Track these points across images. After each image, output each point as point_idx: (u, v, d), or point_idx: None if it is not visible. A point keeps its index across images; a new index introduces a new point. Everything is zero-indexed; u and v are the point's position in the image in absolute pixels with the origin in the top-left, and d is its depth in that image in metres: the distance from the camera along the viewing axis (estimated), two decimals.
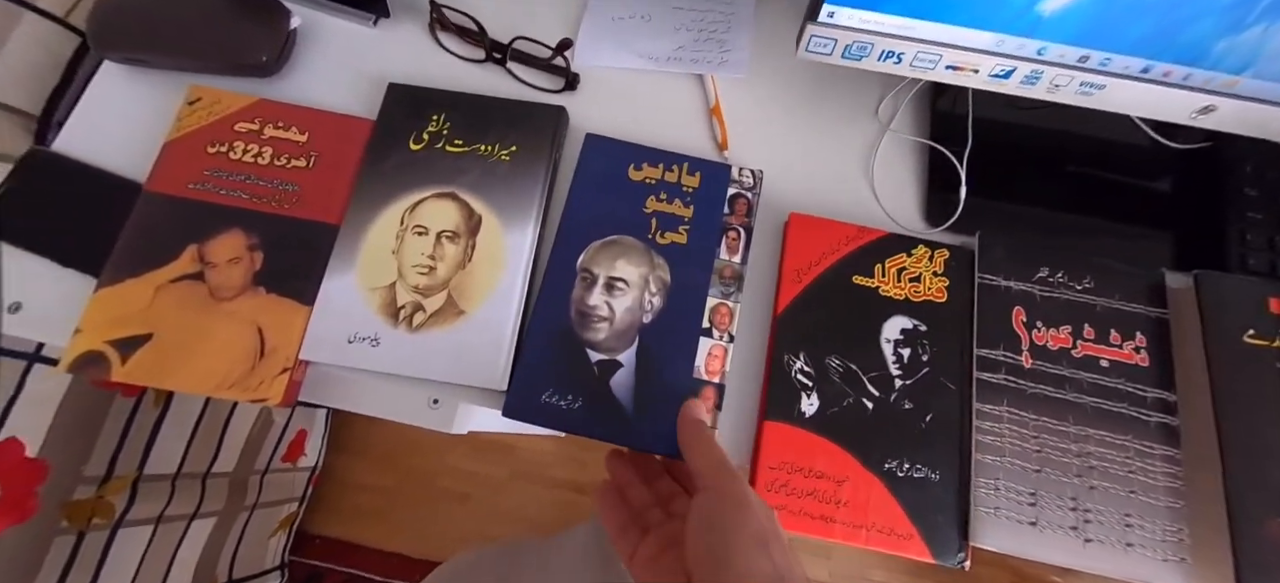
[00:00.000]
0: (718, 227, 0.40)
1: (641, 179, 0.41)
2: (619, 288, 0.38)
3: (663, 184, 0.41)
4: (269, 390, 0.37)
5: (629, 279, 0.39)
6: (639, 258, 0.39)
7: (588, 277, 0.39)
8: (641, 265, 0.39)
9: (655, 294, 0.38)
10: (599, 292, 0.38)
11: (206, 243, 0.39)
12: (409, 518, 1.05)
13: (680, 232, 0.40)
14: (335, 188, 0.41)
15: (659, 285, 0.39)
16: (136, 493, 0.67)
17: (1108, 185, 0.47)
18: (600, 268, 0.39)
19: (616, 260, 0.39)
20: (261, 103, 0.44)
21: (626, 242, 0.40)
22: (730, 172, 0.42)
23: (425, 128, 0.43)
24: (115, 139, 0.44)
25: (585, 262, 0.39)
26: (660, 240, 0.40)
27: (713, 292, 0.39)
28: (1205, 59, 0.33)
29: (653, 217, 0.40)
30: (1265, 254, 0.42)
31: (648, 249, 0.39)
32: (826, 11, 0.34)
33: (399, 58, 0.47)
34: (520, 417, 0.36)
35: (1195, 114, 0.36)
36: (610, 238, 0.40)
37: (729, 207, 0.41)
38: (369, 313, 0.38)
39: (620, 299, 0.38)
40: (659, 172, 0.41)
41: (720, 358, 0.38)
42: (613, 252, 0.39)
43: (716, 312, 0.38)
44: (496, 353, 0.37)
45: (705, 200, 0.41)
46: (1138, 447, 0.37)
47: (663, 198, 0.41)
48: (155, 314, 0.38)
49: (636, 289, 0.38)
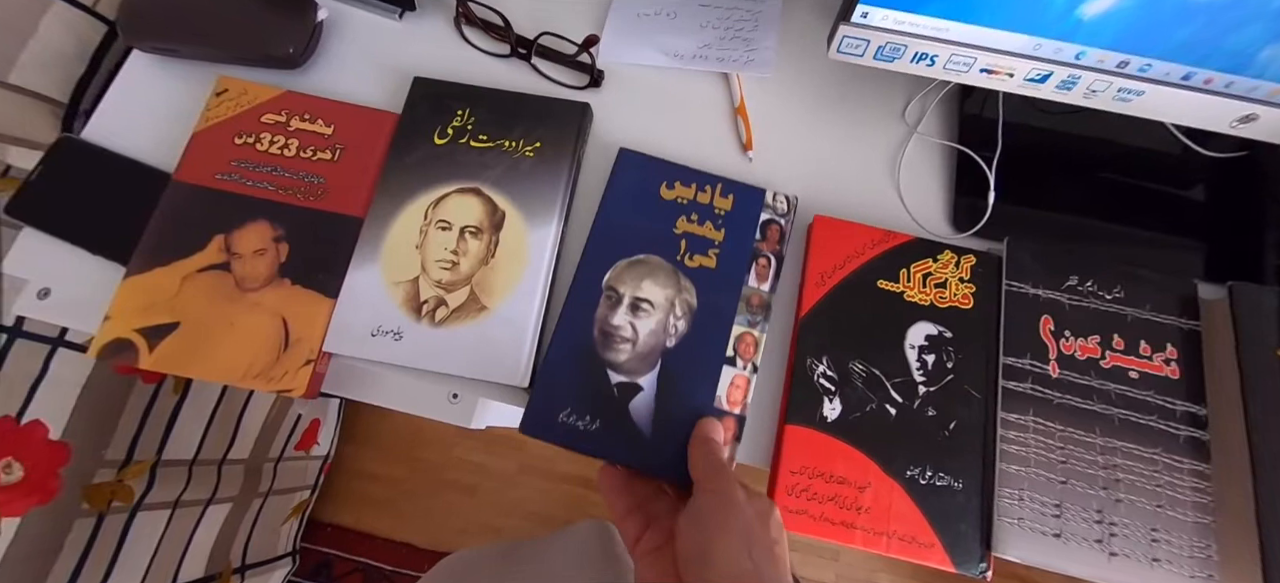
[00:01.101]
0: (748, 253, 0.39)
1: (673, 198, 0.40)
2: (644, 309, 0.38)
3: (695, 205, 0.40)
4: (293, 381, 0.37)
5: (655, 301, 0.38)
6: (666, 279, 0.38)
7: (613, 295, 0.38)
8: (668, 287, 0.38)
9: (680, 318, 0.38)
10: (623, 312, 0.38)
11: (233, 234, 0.40)
12: (418, 509, 1.06)
13: (709, 255, 0.39)
14: (360, 181, 0.42)
15: (685, 309, 0.38)
16: (155, 478, 0.68)
17: (1139, 193, 0.46)
18: (626, 287, 0.38)
19: (643, 280, 0.38)
20: (288, 95, 0.44)
21: (654, 262, 0.39)
22: (764, 196, 0.41)
23: (450, 122, 0.43)
24: (144, 128, 0.44)
25: (611, 279, 0.38)
26: (689, 263, 0.39)
27: (739, 320, 0.38)
28: (1249, 67, 0.33)
29: (682, 238, 0.39)
30: None
31: (676, 271, 0.39)
32: (860, 12, 0.34)
33: (424, 51, 0.47)
34: (537, 434, 0.36)
35: (1235, 123, 0.35)
36: (638, 257, 0.39)
37: (761, 233, 0.40)
38: (392, 307, 0.38)
39: (645, 321, 0.37)
40: (691, 191, 0.41)
41: (743, 389, 0.37)
42: (640, 271, 0.39)
43: (741, 340, 0.37)
44: (518, 349, 0.37)
45: (737, 224, 0.40)
46: (1166, 460, 0.36)
47: (694, 219, 0.40)
48: (182, 303, 0.38)
49: (662, 311, 0.38)
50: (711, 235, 0.40)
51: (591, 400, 0.36)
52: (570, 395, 0.36)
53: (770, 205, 0.41)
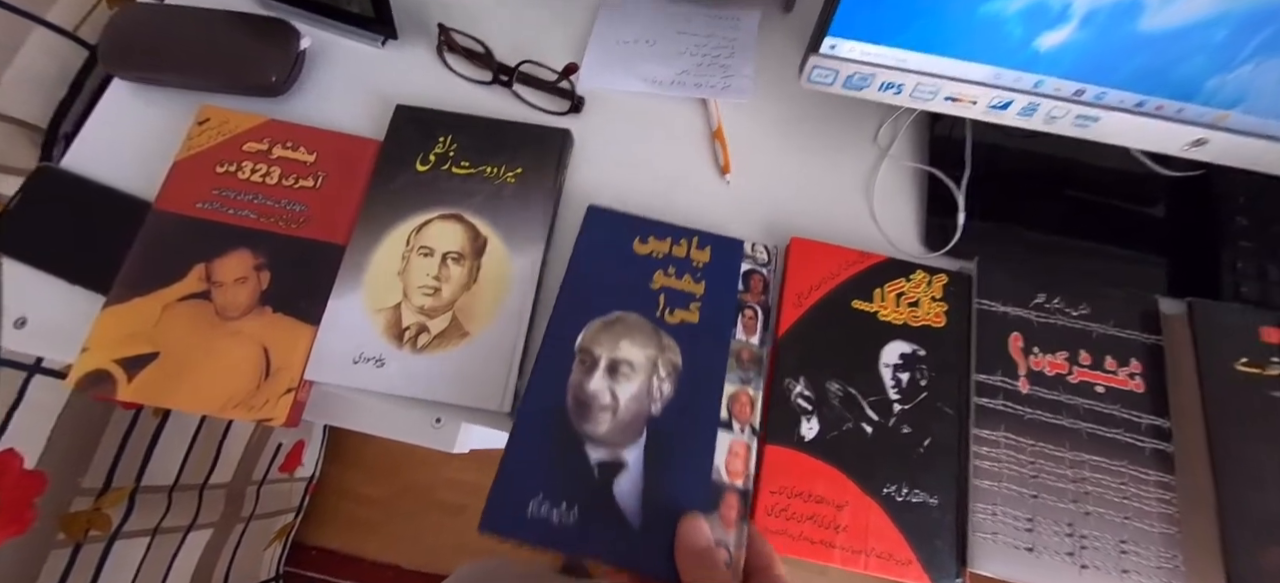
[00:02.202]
0: (732, 305, 0.37)
1: (648, 253, 0.38)
2: (624, 373, 0.34)
3: (671, 258, 0.38)
4: (274, 410, 0.37)
5: (635, 362, 0.35)
6: (646, 338, 0.35)
7: (587, 359, 0.35)
8: (649, 347, 0.35)
9: (665, 379, 0.34)
10: (601, 376, 0.34)
11: (214, 262, 0.40)
12: (405, 530, 1.05)
13: (691, 309, 0.37)
14: (342, 208, 0.42)
15: (669, 369, 0.35)
16: (134, 505, 0.67)
17: (1105, 211, 0.47)
18: (602, 349, 0.35)
19: (620, 341, 0.35)
20: (270, 123, 0.44)
21: (632, 320, 0.36)
22: (742, 247, 0.39)
23: (432, 149, 0.43)
24: (124, 156, 0.44)
25: (585, 342, 0.35)
26: (669, 319, 0.36)
27: (731, 378, 0.35)
28: (1197, 95, 0.34)
29: (661, 293, 0.37)
30: (1256, 283, 0.43)
31: (656, 329, 0.36)
32: (829, 44, 0.35)
33: (407, 79, 0.48)
34: (501, 531, 0.31)
35: (1187, 146, 0.37)
36: (614, 315, 0.36)
37: (743, 284, 0.38)
38: (374, 334, 0.39)
39: (625, 385, 0.34)
40: (666, 245, 0.39)
41: (742, 457, 0.33)
42: (616, 331, 0.36)
43: (735, 400, 0.34)
44: (501, 374, 0.38)
45: (717, 276, 0.38)
46: (1133, 473, 0.37)
47: (671, 273, 0.38)
48: (162, 333, 0.38)
49: (644, 374, 0.34)
50: (691, 288, 0.38)
51: (567, 484, 0.31)
52: (541, 480, 0.31)
53: (750, 255, 0.39)
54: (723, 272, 0.38)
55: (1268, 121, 0.35)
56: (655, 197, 0.44)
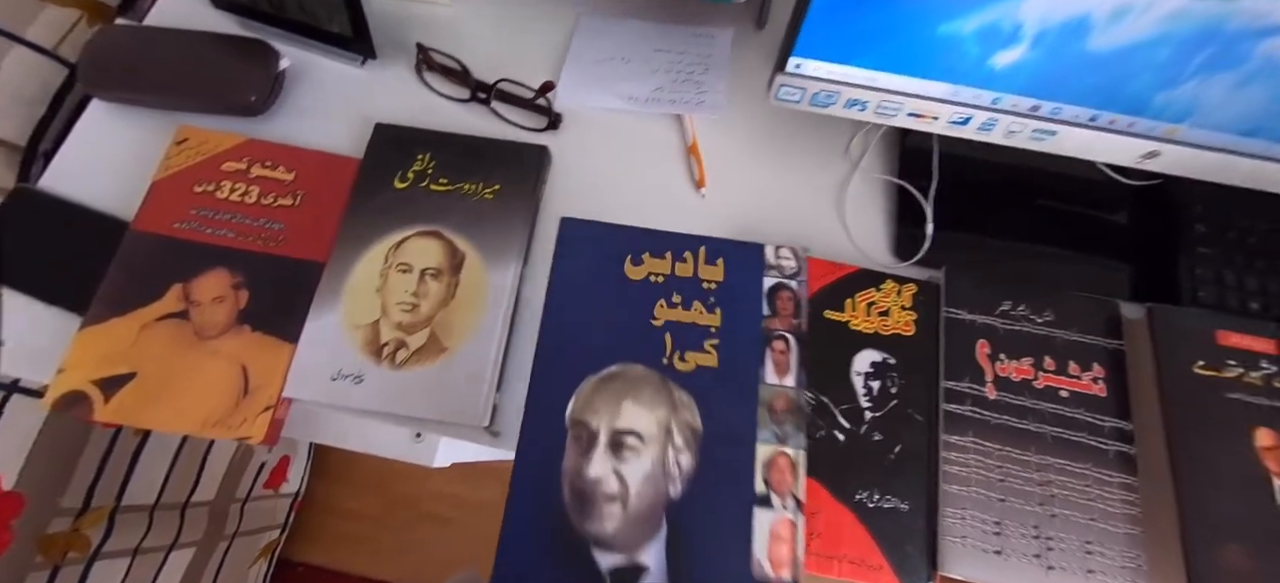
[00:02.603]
0: (757, 336, 0.30)
1: (644, 276, 0.31)
2: (630, 447, 0.28)
3: (675, 281, 0.31)
4: (252, 429, 0.37)
5: (644, 431, 0.28)
6: (654, 396, 0.29)
7: (583, 434, 0.28)
8: (659, 407, 0.28)
9: (682, 448, 0.28)
10: (602, 456, 0.27)
11: (191, 282, 0.40)
12: (393, 544, 1.04)
13: (707, 349, 0.30)
14: (321, 226, 0.42)
15: (686, 435, 0.28)
16: (114, 525, 0.66)
17: (1070, 218, 0.49)
18: (600, 418, 0.28)
19: (622, 404, 0.28)
20: (249, 142, 0.44)
21: (634, 374, 0.29)
22: (763, 254, 0.32)
23: (411, 167, 0.44)
24: (103, 177, 0.45)
25: (578, 410, 0.29)
26: (681, 365, 0.29)
27: (763, 436, 0.29)
28: (1147, 109, 0.36)
29: (666, 331, 0.30)
30: (1214, 287, 0.44)
31: (665, 382, 0.29)
32: (794, 63, 0.36)
33: (387, 98, 0.49)
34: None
35: (1141, 158, 0.38)
36: (610, 370, 0.29)
37: (769, 304, 0.31)
38: (352, 351, 0.39)
39: (634, 464, 0.27)
40: (666, 263, 0.32)
41: (788, 540, 0.27)
42: (615, 391, 0.29)
43: (772, 467, 0.28)
44: (479, 390, 0.38)
45: (735, 298, 0.31)
46: (1097, 475, 0.38)
47: (677, 302, 0.31)
48: (139, 353, 0.38)
49: (655, 445, 0.28)
50: (705, 320, 0.30)
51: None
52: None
53: (774, 264, 0.32)
54: (742, 292, 0.32)
55: (1215, 135, 0.37)
56: (632, 210, 0.45)
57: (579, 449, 0.28)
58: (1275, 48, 0.32)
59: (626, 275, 0.33)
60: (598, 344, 0.31)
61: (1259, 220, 0.46)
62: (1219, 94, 0.34)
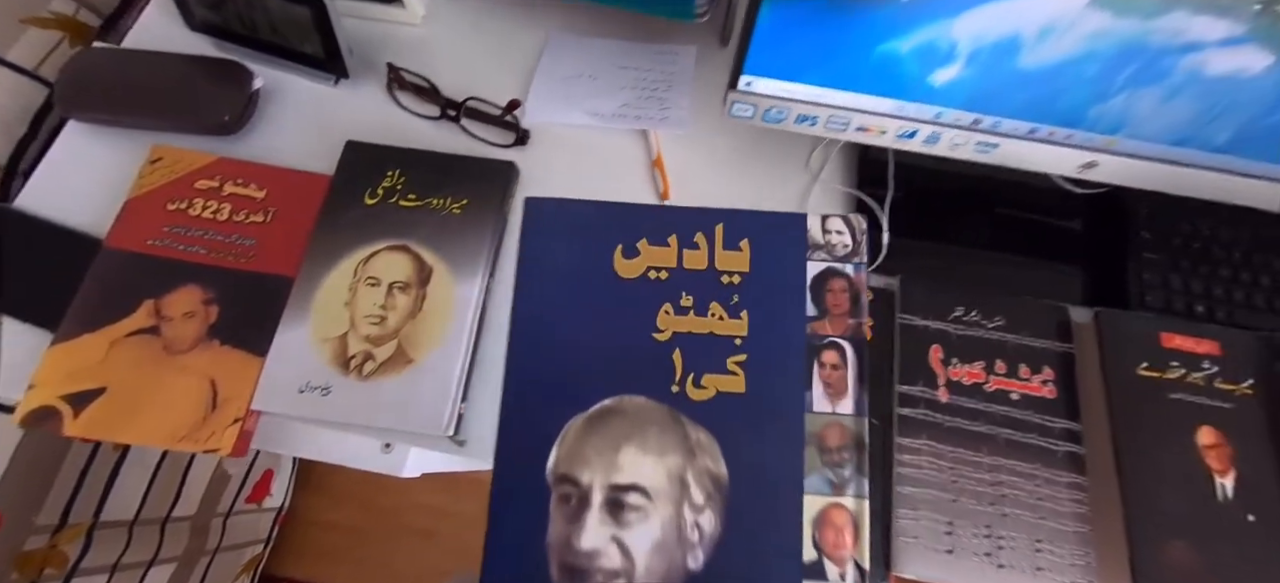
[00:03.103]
0: (800, 346, 0.22)
1: (640, 273, 0.23)
2: (634, 506, 0.21)
3: (682, 276, 0.23)
4: (220, 441, 0.38)
5: (650, 485, 0.21)
6: (663, 438, 0.22)
7: (571, 492, 0.22)
8: (670, 452, 0.22)
9: (702, 506, 0.21)
10: (598, 521, 0.21)
11: (163, 298, 0.41)
12: (376, 556, 1.04)
13: (731, 369, 0.22)
14: (292, 242, 0.43)
15: (708, 487, 0.22)
16: (91, 541, 0.66)
17: (1024, 225, 0.50)
18: (592, 471, 0.22)
19: (621, 450, 0.22)
20: (222, 161, 0.46)
21: (634, 408, 0.22)
22: (805, 227, 0.24)
23: (381, 183, 0.45)
24: (78, 195, 0.46)
25: (563, 463, 0.22)
26: (696, 394, 0.22)
27: (814, 482, 0.22)
28: (1082, 122, 0.37)
29: (674, 347, 0.22)
30: (1160, 292, 0.45)
31: (676, 417, 0.22)
32: (744, 81, 0.38)
33: (359, 116, 0.50)
34: None
35: (1081, 168, 0.40)
36: (603, 406, 0.23)
37: (816, 299, 0.23)
38: (320, 363, 0.40)
39: (640, 529, 0.21)
40: (670, 252, 0.23)
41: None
42: (610, 434, 0.22)
43: (825, 523, 0.21)
44: (443, 399, 0.39)
45: (767, 295, 0.23)
46: (1046, 475, 0.39)
47: (687, 306, 0.23)
48: (109, 368, 0.39)
49: (667, 503, 0.21)
50: (726, 328, 0.23)
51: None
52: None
53: (822, 242, 0.24)
54: (777, 285, 0.23)
55: (1149, 145, 0.38)
56: None
57: (567, 514, 0.21)
58: (1197, 63, 0.33)
59: (617, 273, 0.24)
60: (583, 371, 0.23)
61: (1203, 226, 0.47)
62: (1148, 107, 0.36)
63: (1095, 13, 0.32)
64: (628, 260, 0.27)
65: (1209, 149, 0.38)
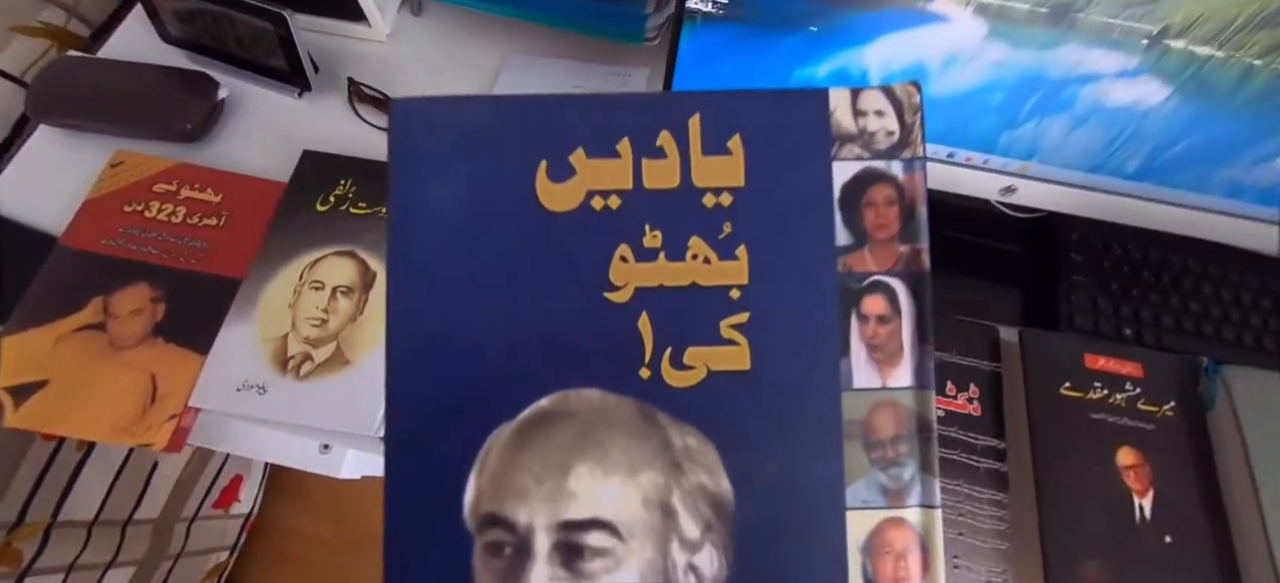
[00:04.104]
0: (830, 292, 0.17)
1: (579, 202, 0.17)
2: (598, 549, 0.16)
3: (642, 200, 0.17)
4: (155, 436, 0.39)
5: (619, 518, 0.16)
6: (631, 447, 0.16)
7: (503, 540, 0.17)
8: (645, 468, 0.16)
9: (699, 542, 0.16)
10: (547, 575, 0.16)
11: (112, 295, 0.42)
12: (342, 568, 1.04)
13: (727, 336, 0.17)
14: (243, 245, 0.45)
15: (704, 513, 0.16)
16: (48, 540, 0.66)
17: (965, 247, 0.52)
18: (531, 506, 0.16)
19: (571, 473, 0.16)
20: (181, 166, 0.47)
21: (584, 406, 0.17)
22: (827, 107, 0.18)
23: (333, 190, 0.47)
24: (42, 196, 0.47)
25: (484, 499, 0.17)
26: (675, 379, 0.17)
27: (860, 491, 0.16)
28: (995, 147, 0.39)
29: (638, 310, 0.17)
30: (1089, 314, 0.46)
31: (647, 415, 0.17)
32: None
33: (320, 127, 0.52)
34: None
35: (1001, 192, 0.41)
36: (539, 407, 0.17)
37: (847, 217, 0.17)
38: (259, 362, 0.41)
39: (607, 581, 0.16)
40: (623, 167, 0.17)
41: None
42: (553, 448, 0.17)
43: (879, 546, 0.16)
44: (375, 401, 0.40)
45: (775, 215, 0.17)
46: (968, 491, 0.40)
47: (653, 245, 0.17)
48: (53, 362, 0.40)
49: (646, 542, 0.16)
50: (716, 276, 0.17)
51: None
52: None
53: (854, 131, 0.17)
54: (788, 197, 0.17)
55: (1063, 171, 0.40)
56: None
57: (499, 571, 0.16)
58: (1097, 93, 0.35)
59: (542, 205, 0.17)
60: (504, 362, 0.16)
61: (1135, 251, 0.48)
62: (1058, 134, 0.37)
63: (994, 44, 0.33)
64: (557, 184, 0.17)
65: (1122, 176, 0.40)
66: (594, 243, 0.17)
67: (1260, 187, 0.38)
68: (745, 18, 0.34)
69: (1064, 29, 0.32)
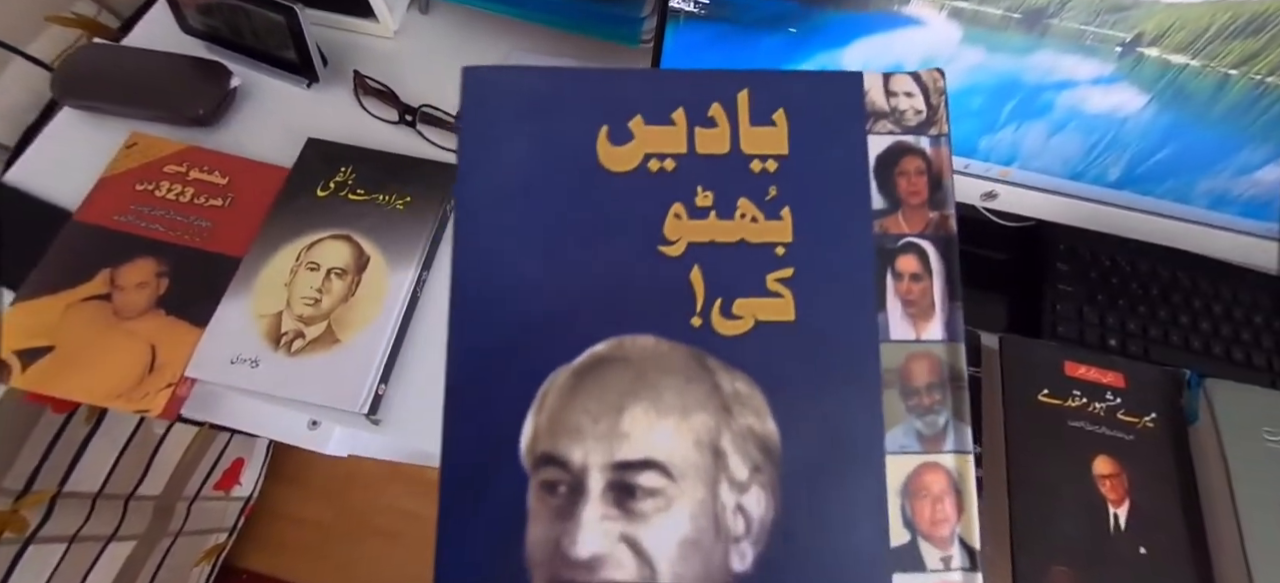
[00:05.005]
0: (867, 253, 0.18)
1: (637, 164, 0.19)
2: (649, 490, 0.17)
3: (695, 164, 0.18)
4: (151, 403, 0.40)
5: (671, 459, 0.17)
6: (685, 391, 0.17)
7: (558, 478, 0.17)
8: (696, 410, 0.17)
9: (747, 483, 0.17)
10: (599, 514, 0.16)
11: (120, 268, 0.44)
12: (339, 556, 1.05)
13: (774, 289, 0.18)
14: (246, 226, 0.47)
15: (752, 455, 0.17)
16: (53, 509, 0.69)
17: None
18: (586, 445, 0.17)
19: (625, 413, 0.17)
20: (192, 149, 0.49)
21: (641, 352, 0.17)
22: (861, 88, 0.19)
23: (333, 177, 0.48)
24: (62, 172, 0.50)
25: (541, 437, 0.17)
26: (726, 328, 0.18)
27: (898, 437, 0.17)
28: (976, 152, 0.39)
29: (691, 263, 0.18)
30: (1074, 323, 0.46)
31: (699, 361, 0.17)
32: None
33: (326, 117, 0.54)
34: None
35: (982, 198, 0.42)
36: (596, 352, 0.18)
37: (882, 184, 0.19)
38: (254, 337, 0.42)
39: (659, 522, 0.16)
40: (678, 133, 0.19)
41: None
42: (609, 391, 0.17)
43: (917, 489, 0.17)
44: (362, 378, 0.41)
45: (816, 182, 0.19)
46: None
47: (705, 204, 0.18)
48: (61, 329, 0.42)
49: (696, 483, 0.17)
50: (762, 233, 0.18)
51: None
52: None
53: (887, 109, 0.19)
54: (828, 169, 0.18)
55: (1044, 178, 0.40)
56: None
57: (554, 508, 0.16)
58: (1074, 99, 0.35)
59: (603, 166, 0.18)
60: (564, 307, 0.17)
61: (1123, 262, 0.48)
62: (1037, 140, 0.38)
63: (969, 48, 0.34)
64: (617, 147, 0.19)
65: (1104, 184, 0.40)
66: (650, 201, 0.19)
67: (1243, 199, 0.38)
68: (726, 17, 0.35)
69: (1038, 35, 0.33)
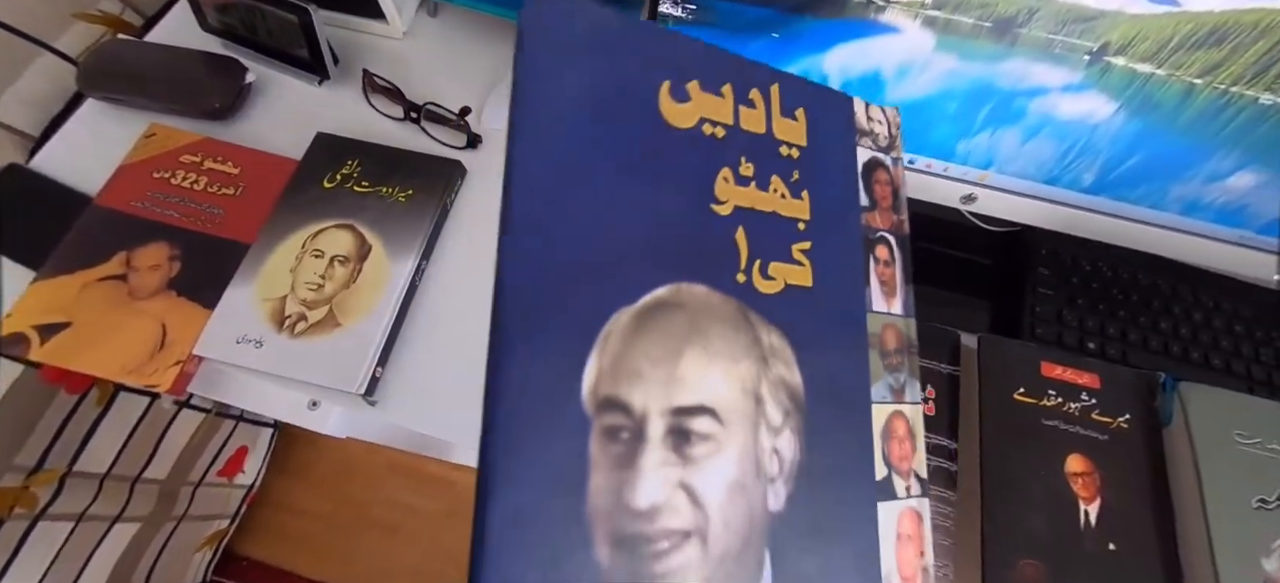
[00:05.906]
0: (857, 237, 0.21)
1: (694, 123, 0.19)
2: (702, 436, 0.17)
3: (740, 137, 0.20)
4: (160, 378, 0.42)
5: (721, 405, 0.17)
6: (731, 339, 0.18)
7: (619, 422, 0.16)
8: (741, 358, 0.17)
9: (781, 427, 0.18)
10: (659, 460, 0.16)
11: (135, 251, 0.46)
12: (339, 547, 1.07)
13: (798, 258, 0.20)
14: (255, 214, 0.49)
15: (784, 402, 0.18)
16: (62, 488, 0.71)
17: (940, 259, 0.53)
18: (646, 390, 0.16)
19: (683, 359, 0.17)
20: (207, 141, 0.52)
21: (693, 300, 0.18)
22: (852, 110, 0.23)
23: (340, 170, 0.51)
24: (84, 160, 0.52)
25: (604, 380, 0.16)
26: (764, 285, 0.19)
27: (878, 390, 0.20)
28: (953, 156, 0.41)
29: (737, 224, 0.19)
30: (1053, 326, 0.47)
31: (744, 313, 0.18)
32: None
33: (335, 112, 0.56)
34: None
35: (962, 201, 0.43)
36: (657, 296, 0.17)
37: (866, 190, 0.22)
38: (259, 319, 0.44)
39: (710, 466, 0.16)
40: (726, 105, 0.20)
41: (916, 537, 0.19)
42: (668, 335, 0.17)
43: (891, 434, 0.20)
44: (360, 360, 0.43)
45: (825, 176, 0.21)
46: None
47: (748, 174, 0.20)
48: (78, 307, 0.44)
49: (742, 427, 0.17)
50: (790, 209, 0.20)
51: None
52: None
53: (867, 128, 0.23)
54: (832, 167, 0.21)
55: (1021, 182, 0.41)
56: None
57: (616, 456, 0.15)
58: (1046, 106, 0.37)
59: (665, 118, 0.19)
60: (625, 247, 0.17)
61: (1104, 267, 0.49)
62: (1012, 145, 0.39)
63: (944, 55, 0.36)
64: (677, 104, 0.19)
65: (1079, 189, 0.41)
66: (704, 159, 0.20)
67: (1216, 205, 0.39)
68: (712, 23, 0.37)
69: (1008, 44, 0.34)
